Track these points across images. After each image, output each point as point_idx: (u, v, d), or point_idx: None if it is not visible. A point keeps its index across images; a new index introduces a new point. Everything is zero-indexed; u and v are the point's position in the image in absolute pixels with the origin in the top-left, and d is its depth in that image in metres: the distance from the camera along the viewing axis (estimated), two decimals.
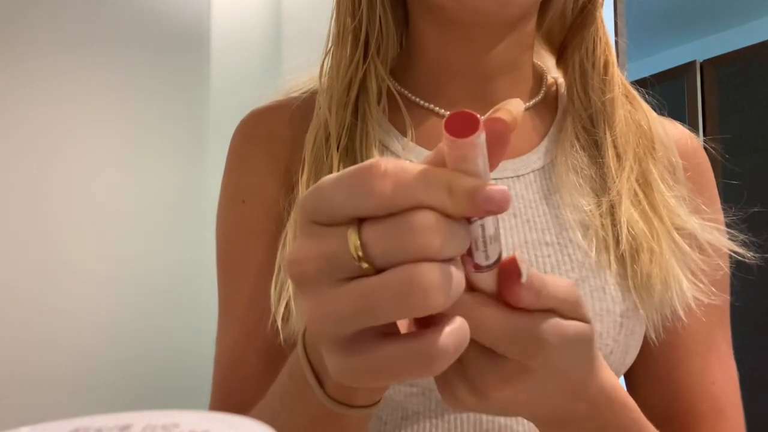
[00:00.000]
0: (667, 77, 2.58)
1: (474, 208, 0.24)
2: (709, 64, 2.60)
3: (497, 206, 0.24)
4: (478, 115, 0.24)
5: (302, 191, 0.50)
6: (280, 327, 0.48)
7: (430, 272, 0.23)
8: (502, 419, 0.48)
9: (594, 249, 0.49)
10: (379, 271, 0.24)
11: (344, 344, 0.26)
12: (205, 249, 0.56)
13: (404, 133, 0.53)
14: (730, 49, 2.56)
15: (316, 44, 0.56)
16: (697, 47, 3.10)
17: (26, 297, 1.33)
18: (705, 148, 0.59)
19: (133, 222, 1.49)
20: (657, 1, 2.85)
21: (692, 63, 2.62)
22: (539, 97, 0.58)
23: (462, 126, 0.24)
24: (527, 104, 0.57)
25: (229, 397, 0.53)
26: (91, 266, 1.42)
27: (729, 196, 0.58)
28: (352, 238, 0.24)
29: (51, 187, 1.39)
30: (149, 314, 1.48)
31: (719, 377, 0.53)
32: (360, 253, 0.24)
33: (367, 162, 0.25)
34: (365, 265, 0.24)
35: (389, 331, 0.26)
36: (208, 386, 0.57)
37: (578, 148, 0.54)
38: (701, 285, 0.50)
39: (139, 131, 1.52)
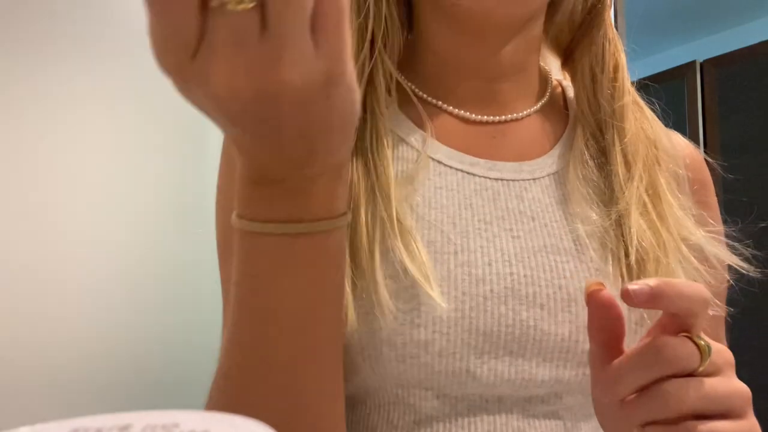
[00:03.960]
0: (667, 77, 2.57)
1: None
2: (709, 64, 2.60)
3: None
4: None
5: None
6: None
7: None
8: (515, 423, 0.48)
9: (607, 260, 0.50)
10: None
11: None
12: (204, 247, 0.55)
13: (419, 125, 0.53)
14: (730, 49, 2.56)
15: None
16: (697, 47, 3.09)
17: (25, 297, 1.33)
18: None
19: (133, 220, 1.49)
20: (657, 1, 2.85)
21: (692, 63, 2.61)
22: (545, 99, 0.58)
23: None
24: (535, 106, 0.57)
25: None
26: (90, 265, 1.42)
27: (728, 197, 0.58)
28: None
29: (50, 183, 1.38)
30: (149, 314, 1.47)
31: None
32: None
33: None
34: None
35: None
36: (207, 385, 0.57)
37: (588, 158, 0.54)
38: None
39: (138, 132, 1.52)
